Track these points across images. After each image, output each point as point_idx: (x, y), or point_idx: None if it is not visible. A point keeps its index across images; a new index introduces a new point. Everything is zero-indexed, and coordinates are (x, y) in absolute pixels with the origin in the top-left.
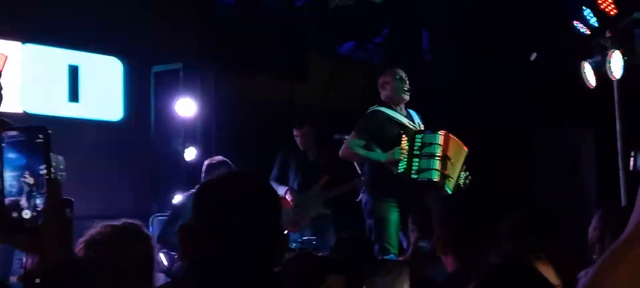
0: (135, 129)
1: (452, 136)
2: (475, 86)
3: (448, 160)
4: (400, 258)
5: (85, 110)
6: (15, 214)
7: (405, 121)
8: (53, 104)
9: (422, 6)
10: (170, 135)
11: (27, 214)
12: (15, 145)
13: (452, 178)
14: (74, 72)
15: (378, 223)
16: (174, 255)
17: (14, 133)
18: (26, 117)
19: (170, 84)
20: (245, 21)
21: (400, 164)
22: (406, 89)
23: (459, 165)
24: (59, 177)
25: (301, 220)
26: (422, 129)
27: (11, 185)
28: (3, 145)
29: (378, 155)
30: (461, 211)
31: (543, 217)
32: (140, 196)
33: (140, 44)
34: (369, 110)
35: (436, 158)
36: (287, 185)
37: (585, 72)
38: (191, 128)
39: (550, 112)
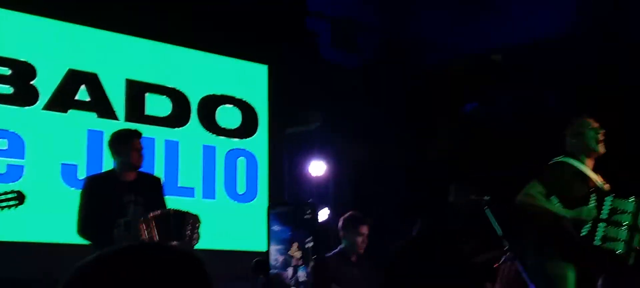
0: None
1: None
2: None
3: (637, 231)
4: None
5: None
6: None
7: (595, 178)
8: None
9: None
10: (303, 195)
11: None
12: (280, 217)
13: (637, 250)
14: None
15: (552, 284)
16: None
17: (281, 207)
18: None
19: (303, 146)
20: (368, 85)
21: (584, 226)
22: (602, 140)
23: None
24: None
25: None
26: (607, 189)
27: (275, 259)
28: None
29: (561, 210)
30: None
31: None
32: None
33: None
34: (554, 160)
35: (624, 227)
36: None
37: None
38: (323, 189)
39: None
